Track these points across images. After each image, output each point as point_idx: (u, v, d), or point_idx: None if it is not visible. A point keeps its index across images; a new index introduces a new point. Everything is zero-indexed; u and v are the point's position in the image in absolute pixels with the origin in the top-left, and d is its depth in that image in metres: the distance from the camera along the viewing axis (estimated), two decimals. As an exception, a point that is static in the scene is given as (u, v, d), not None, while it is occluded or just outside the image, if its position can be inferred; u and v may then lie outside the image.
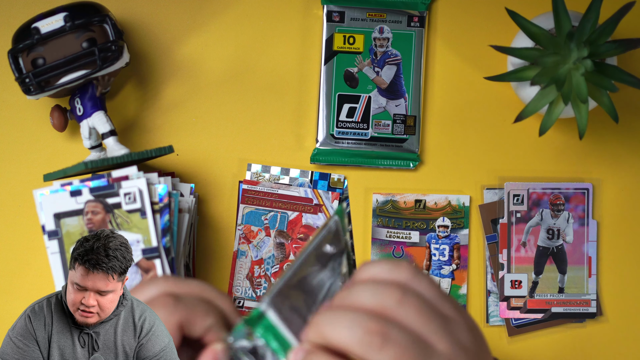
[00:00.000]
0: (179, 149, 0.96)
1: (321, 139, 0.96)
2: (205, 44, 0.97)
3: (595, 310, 0.96)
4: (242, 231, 0.96)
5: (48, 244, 0.88)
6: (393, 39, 0.96)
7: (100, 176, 0.88)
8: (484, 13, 0.97)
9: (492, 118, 0.97)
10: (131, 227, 0.88)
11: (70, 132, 0.96)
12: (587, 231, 0.96)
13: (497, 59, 0.97)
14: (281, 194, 0.96)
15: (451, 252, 0.96)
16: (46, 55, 0.87)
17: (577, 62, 0.84)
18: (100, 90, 0.90)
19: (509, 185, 0.95)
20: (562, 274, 0.96)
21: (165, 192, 0.88)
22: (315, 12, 0.97)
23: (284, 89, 0.97)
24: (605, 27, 0.84)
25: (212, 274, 0.96)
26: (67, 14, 0.87)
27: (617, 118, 0.86)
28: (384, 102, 0.96)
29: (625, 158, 0.97)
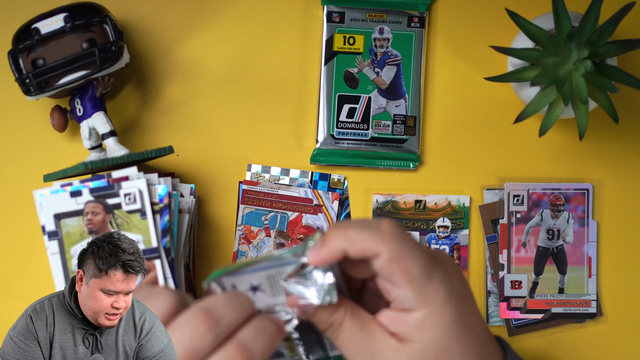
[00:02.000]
0: (179, 150, 0.96)
1: (321, 140, 0.96)
2: (205, 44, 0.97)
3: (595, 311, 0.96)
4: (242, 232, 0.96)
5: (48, 245, 0.88)
6: (393, 40, 0.96)
7: (101, 177, 0.88)
8: (484, 13, 0.97)
9: (492, 119, 0.97)
10: (131, 228, 0.88)
11: (70, 133, 0.96)
12: (587, 232, 0.96)
13: (497, 59, 0.97)
14: (281, 195, 0.96)
15: (451, 253, 0.96)
16: (46, 56, 0.87)
17: (577, 63, 0.84)
18: (101, 91, 0.90)
19: (509, 185, 0.95)
20: (562, 275, 0.96)
21: (165, 192, 0.88)
22: (315, 12, 0.97)
23: (284, 89, 0.97)
24: (605, 28, 0.84)
25: (212, 275, 0.96)
26: (67, 15, 0.87)
27: (617, 119, 0.86)
28: (384, 103, 0.96)
29: (626, 159, 0.97)
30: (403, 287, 0.56)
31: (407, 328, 0.56)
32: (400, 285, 0.56)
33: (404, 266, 0.55)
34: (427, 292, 0.56)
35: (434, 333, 0.56)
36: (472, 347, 0.58)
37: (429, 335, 0.56)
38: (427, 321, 0.56)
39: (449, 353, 0.57)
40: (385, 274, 0.56)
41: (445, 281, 0.57)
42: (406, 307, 0.56)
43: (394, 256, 0.55)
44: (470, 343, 0.58)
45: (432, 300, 0.56)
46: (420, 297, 0.56)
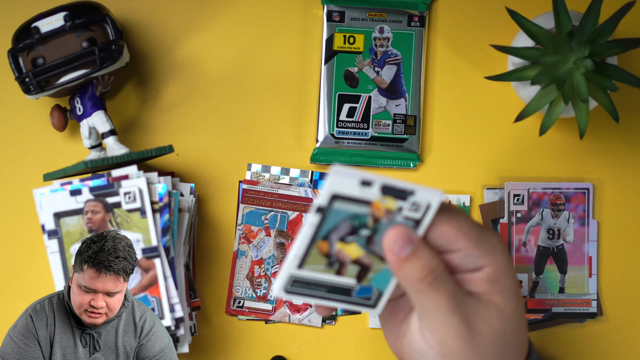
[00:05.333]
0: (179, 149, 0.96)
1: (321, 139, 0.95)
2: (205, 43, 0.97)
3: (595, 310, 0.96)
4: (242, 231, 0.96)
5: (48, 243, 0.88)
6: (393, 39, 0.96)
7: (100, 175, 0.88)
8: (484, 13, 0.97)
9: (492, 118, 0.97)
10: (131, 227, 0.88)
11: (70, 132, 0.96)
12: (588, 231, 0.96)
13: (497, 58, 0.97)
14: (281, 194, 0.95)
15: (451, 252, 0.96)
16: (46, 55, 0.87)
17: (578, 62, 0.84)
18: (100, 90, 0.90)
19: (509, 185, 0.95)
20: (563, 274, 0.96)
21: (165, 191, 0.88)
22: (316, 11, 0.97)
23: (284, 88, 0.97)
24: (605, 27, 0.84)
25: (212, 274, 0.96)
26: (67, 14, 0.87)
27: (618, 117, 0.86)
28: (384, 102, 0.96)
29: (626, 158, 0.97)
30: (462, 244, 0.56)
31: (482, 284, 0.57)
32: (459, 243, 0.56)
33: (456, 224, 0.56)
34: (485, 245, 0.56)
35: (507, 283, 0.57)
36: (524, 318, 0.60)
37: (505, 285, 0.57)
38: (498, 274, 0.57)
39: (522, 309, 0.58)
40: (443, 240, 0.56)
41: (495, 234, 0.58)
42: (472, 266, 0.57)
43: (447, 219, 0.56)
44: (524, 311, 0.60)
45: (494, 253, 0.57)
46: (482, 250, 0.56)
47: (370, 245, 0.56)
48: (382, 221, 0.55)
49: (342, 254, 0.56)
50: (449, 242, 0.56)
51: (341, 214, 0.54)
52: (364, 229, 0.55)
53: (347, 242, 0.56)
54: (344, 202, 0.54)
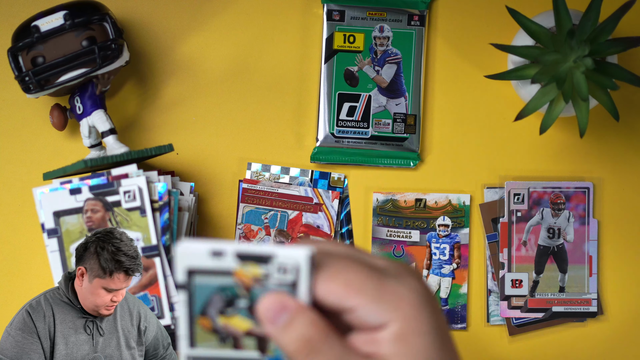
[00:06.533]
0: (179, 148, 0.96)
1: (321, 138, 0.95)
2: (205, 42, 0.97)
3: (596, 310, 0.95)
4: (242, 230, 0.95)
5: (47, 242, 0.88)
6: (393, 38, 0.96)
7: (100, 174, 0.88)
8: (485, 11, 0.97)
9: (492, 117, 0.97)
10: (131, 225, 0.88)
11: (70, 131, 0.96)
12: (588, 230, 0.96)
13: (497, 57, 0.96)
14: (281, 193, 0.95)
15: (452, 251, 0.96)
16: (46, 54, 0.87)
17: (578, 61, 0.84)
18: (100, 89, 0.90)
19: (509, 184, 0.95)
20: (563, 273, 0.95)
21: (164, 190, 0.88)
22: (316, 11, 0.97)
23: (284, 87, 0.97)
24: (605, 26, 0.84)
25: (212, 273, 0.96)
26: (67, 13, 0.87)
27: (618, 116, 0.86)
28: (384, 101, 0.96)
29: (626, 157, 0.97)
30: (355, 300, 0.48)
31: (388, 345, 0.48)
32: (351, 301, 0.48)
33: (343, 280, 0.48)
34: (386, 297, 0.48)
35: (418, 343, 0.48)
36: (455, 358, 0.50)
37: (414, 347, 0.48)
38: (405, 331, 0.48)
39: None
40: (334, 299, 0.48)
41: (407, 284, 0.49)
42: (377, 323, 0.48)
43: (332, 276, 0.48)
44: (453, 355, 0.50)
45: (399, 305, 0.48)
46: (381, 304, 0.48)
47: (254, 314, 0.51)
48: (255, 289, 0.50)
49: (229, 328, 0.51)
50: (341, 301, 0.48)
51: (207, 288, 0.50)
52: (240, 299, 0.51)
53: (229, 315, 0.51)
54: (204, 275, 0.49)
